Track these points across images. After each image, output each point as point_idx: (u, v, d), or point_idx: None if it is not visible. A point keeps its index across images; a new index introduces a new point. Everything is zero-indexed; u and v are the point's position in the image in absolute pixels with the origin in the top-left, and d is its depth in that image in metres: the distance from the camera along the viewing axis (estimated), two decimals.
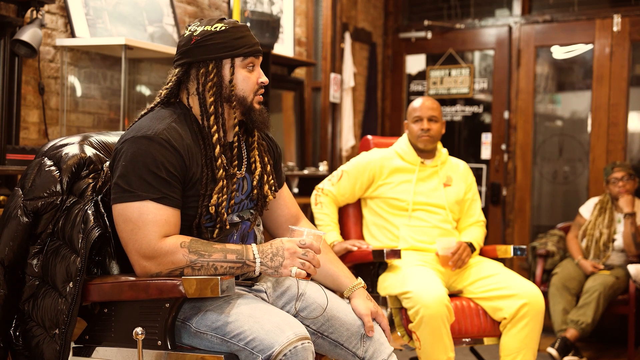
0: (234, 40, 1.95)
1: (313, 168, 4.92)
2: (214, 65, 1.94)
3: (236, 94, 1.97)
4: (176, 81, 1.99)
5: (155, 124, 1.90)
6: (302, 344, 1.77)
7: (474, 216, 3.41)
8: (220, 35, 1.94)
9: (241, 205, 2.05)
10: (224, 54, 1.94)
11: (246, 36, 1.98)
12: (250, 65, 1.98)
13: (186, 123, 1.95)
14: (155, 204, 1.84)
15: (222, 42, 1.94)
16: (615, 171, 4.46)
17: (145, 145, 1.85)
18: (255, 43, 2.00)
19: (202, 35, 1.95)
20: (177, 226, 1.88)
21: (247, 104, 1.99)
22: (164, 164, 1.85)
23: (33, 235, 1.99)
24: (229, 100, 1.96)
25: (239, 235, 2.04)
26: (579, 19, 5.16)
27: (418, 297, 2.86)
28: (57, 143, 2.08)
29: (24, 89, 3.19)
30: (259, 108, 2.02)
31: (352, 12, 5.42)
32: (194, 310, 1.90)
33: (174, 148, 1.87)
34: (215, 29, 1.95)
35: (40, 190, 1.98)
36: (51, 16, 3.32)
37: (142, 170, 1.84)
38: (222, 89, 1.96)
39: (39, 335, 1.96)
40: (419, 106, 3.36)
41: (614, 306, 4.31)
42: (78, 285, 1.88)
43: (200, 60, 1.95)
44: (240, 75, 1.97)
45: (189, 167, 1.90)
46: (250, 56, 1.97)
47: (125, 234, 1.86)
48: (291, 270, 1.85)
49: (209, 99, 1.95)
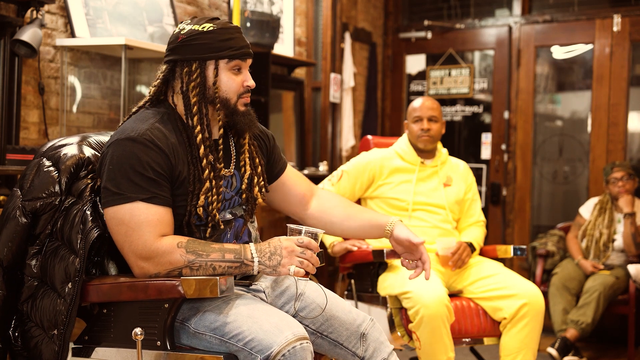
0: (219, 42, 1.93)
1: (313, 168, 4.92)
2: (197, 65, 1.94)
3: (219, 95, 1.96)
4: (163, 78, 2.00)
5: (138, 125, 1.90)
6: (301, 344, 1.77)
7: (474, 216, 3.41)
8: (206, 36, 1.93)
9: (232, 202, 2.04)
10: (208, 54, 1.93)
11: (234, 38, 1.96)
12: (235, 68, 1.97)
13: (170, 122, 1.95)
14: (145, 204, 1.84)
15: (207, 43, 1.93)
16: (615, 171, 4.46)
17: (129, 147, 1.86)
18: (242, 46, 1.97)
19: (188, 34, 1.94)
20: (170, 225, 1.89)
21: (230, 106, 1.98)
22: (150, 163, 1.85)
23: (32, 236, 1.99)
24: (212, 101, 1.96)
25: (232, 233, 2.04)
26: (579, 19, 5.16)
27: (418, 297, 2.86)
28: (56, 143, 2.08)
29: (24, 89, 3.19)
30: (243, 110, 2.00)
31: (352, 12, 5.42)
32: (192, 310, 1.90)
33: (158, 147, 1.87)
34: (202, 28, 1.94)
35: (38, 191, 1.98)
36: (51, 16, 3.32)
37: (128, 172, 1.84)
38: (206, 89, 1.95)
39: (37, 335, 1.96)
40: (419, 106, 3.36)
41: (614, 306, 4.31)
42: (77, 285, 1.88)
43: (184, 59, 1.94)
44: (224, 77, 1.96)
45: (175, 166, 1.90)
46: (236, 59, 1.96)
47: (119, 236, 1.86)
48: (289, 268, 1.85)
49: (192, 99, 1.94)
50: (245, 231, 2.09)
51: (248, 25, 4.13)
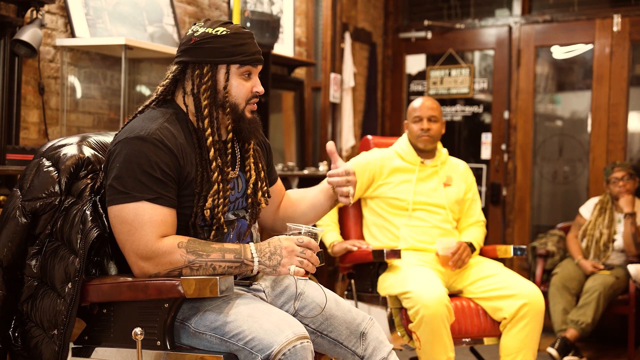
0: (232, 46, 1.94)
1: (313, 168, 4.91)
2: (209, 68, 1.95)
3: (229, 100, 1.97)
4: (172, 78, 2.00)
5: (147, 124, 1.90)
6: (301, 343, 1.77)
7: (474, 216, 3.41)
8: (219, 40, 1.94)
9: (236, 204, 2.05)
10: (220, 59, 1.94)
11: (246, 44, 1.96)
12: (246, 74, 1.98)
13: (179, 122, 1.95)
14: (151, 205, 1.84)
15: (220, 47, 1.94)
16: (616, 171, 4.46)
17: (138, 146, 1.85)
18: (254, 52, 1.98)
19: (202, 36, 1.95)
20: (173, 226, 1.89)
21: (238, 111, 1.98)
22: (158, 163, 1.85)
23: (32, 236, 1.99)
24: (222, 105, 1.96)
25: (235, 233, 2.04)
26: (579, 19, 5.16)
27: (418, 297, 2.86)
28: (56, 144, 2.08)
29: (24, 89, 3.19)
30: (250, 117, 2.01)
31: (352, 12, 5.42)
32: (192, 310, 1.91)
33: (167, 148, 1.87)
34: (216, 32, 1.94)
35: (38, 191, 1.98)
36: (51, 16, 3.32)
37: (136, 171, 1.84)
38: (217, 93, 1.96)
39: (37, 335, 1.96)
40: (419, 106, 3.36)
41: (614, 306, 4.31)
42: (77, 285, 1.88)
43: (196, 61, 1.95)
44: (234, 82, 1.96)
45: (183, 167, 1.90)
46: (247, 65, 1.96)
47: (122, 235, 1.86)
48: (289, 268, 1.85)
49: (203, 102, 1.95)
50: (249, 235, 2.10)
51: (248, 25, 4.12)
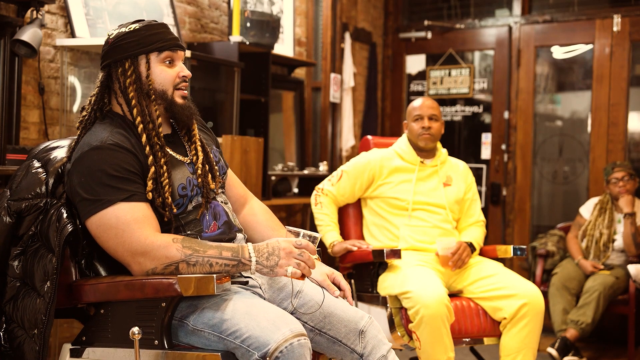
0: (146, 37, 2.00)
1: (313, 168, 4.91)
2: (130, 63, 1.99)
3: (154, 88, 2.01)
4: (101, 85, 2.04)
5: (98, 135, 1.94)
6: (298, 340, 1.77)
7: (473, 216, 3.41)
8: (133, 34, 2.00)
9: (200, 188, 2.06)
10: (137, 50, 1.99)
11: (160, 32, 2.02)
12: (167, 60, 2.02)
13: (122, 128, 1.98)
14: (127, 204, 1.87)
15: (135, 40, 1.99)
16: (616, 171, 4.46)
17: (96, 155, 1.89)
18: (170, 38, 2.03)
19: (116, 37, 2.01)
20: (156, 218, 1.92)
21: (167, 98, 2.02)
22: (120, 164, 1.89)
23: (15, 237, 2.00)
24: (147, 94, 2.00)
25: (210, 214, 2.05)
26: (579, 19, 5.16)
27: (418, 297, 2.86)
28: (49, 145, 2.12)
29: (24, 89, 3.19)
30: (181, 103, 2.05)
31: (352, 12, 5.42)
32: (191, 308, 1.91)
33: (124, 149, 1.92)
34: (128, 29, 2.01)
35: (25, 192, 1.99)
36: (51, 16, 3.32)
37: (102, 178, 1.87)
38: (142, 84, 2.00)
39: (20, 336, 1.97)
40: (420, 105, 3.37)
41: (614, 306, 4.30)
42: (55, 283, 1.89)
43: (117, 59, 2.00)
44: (157, 70, 2.01)
45: (144, 163, 1.94)
46: (166, 50, 2.01)
47: (110, 241, 1.88)
48: (287, 269, 1.86)
49: (130, 94, 1.99)
50: (222, 211, 2.09)
51: (248, 25, 4.12)
